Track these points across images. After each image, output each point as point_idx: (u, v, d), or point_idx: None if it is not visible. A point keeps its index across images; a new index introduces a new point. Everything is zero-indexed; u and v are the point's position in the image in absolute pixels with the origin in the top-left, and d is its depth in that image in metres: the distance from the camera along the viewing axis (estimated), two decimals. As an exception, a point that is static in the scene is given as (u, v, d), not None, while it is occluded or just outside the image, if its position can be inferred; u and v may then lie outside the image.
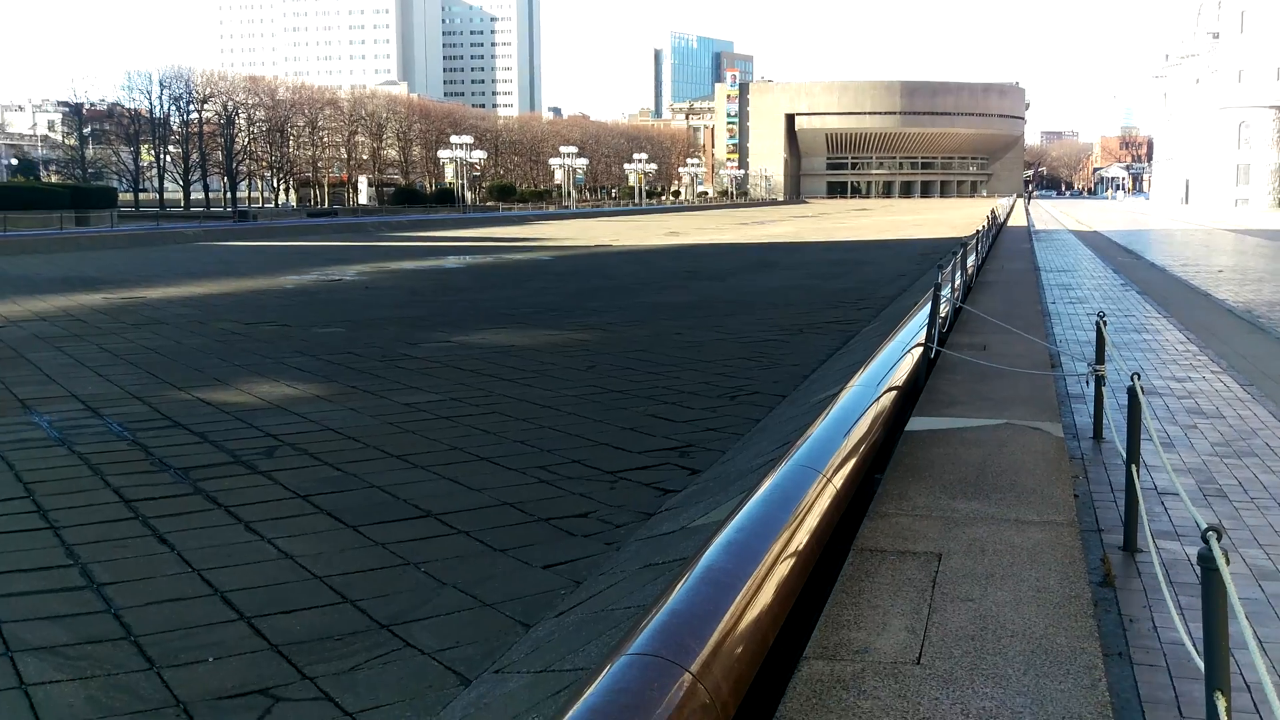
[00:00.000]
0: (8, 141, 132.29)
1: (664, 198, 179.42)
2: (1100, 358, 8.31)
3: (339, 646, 5.96)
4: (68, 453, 10.46)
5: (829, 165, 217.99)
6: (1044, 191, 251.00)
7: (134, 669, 5.73)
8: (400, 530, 7.91)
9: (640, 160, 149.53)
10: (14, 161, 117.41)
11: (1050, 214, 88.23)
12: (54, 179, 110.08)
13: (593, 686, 3.34)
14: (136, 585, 6.95)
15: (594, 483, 9.14)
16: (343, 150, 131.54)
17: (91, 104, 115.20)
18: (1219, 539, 2.85)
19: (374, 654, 5.86)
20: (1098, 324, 8.48)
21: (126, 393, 13.59)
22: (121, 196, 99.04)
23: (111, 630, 6.24)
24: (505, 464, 9.80)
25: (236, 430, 11.37)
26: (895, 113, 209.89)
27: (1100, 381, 8.22)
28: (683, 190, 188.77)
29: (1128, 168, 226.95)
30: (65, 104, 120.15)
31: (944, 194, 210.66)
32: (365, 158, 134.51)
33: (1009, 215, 65.78)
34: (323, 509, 8.49)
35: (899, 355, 9.42)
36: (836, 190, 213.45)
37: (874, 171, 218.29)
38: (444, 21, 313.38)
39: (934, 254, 38.59)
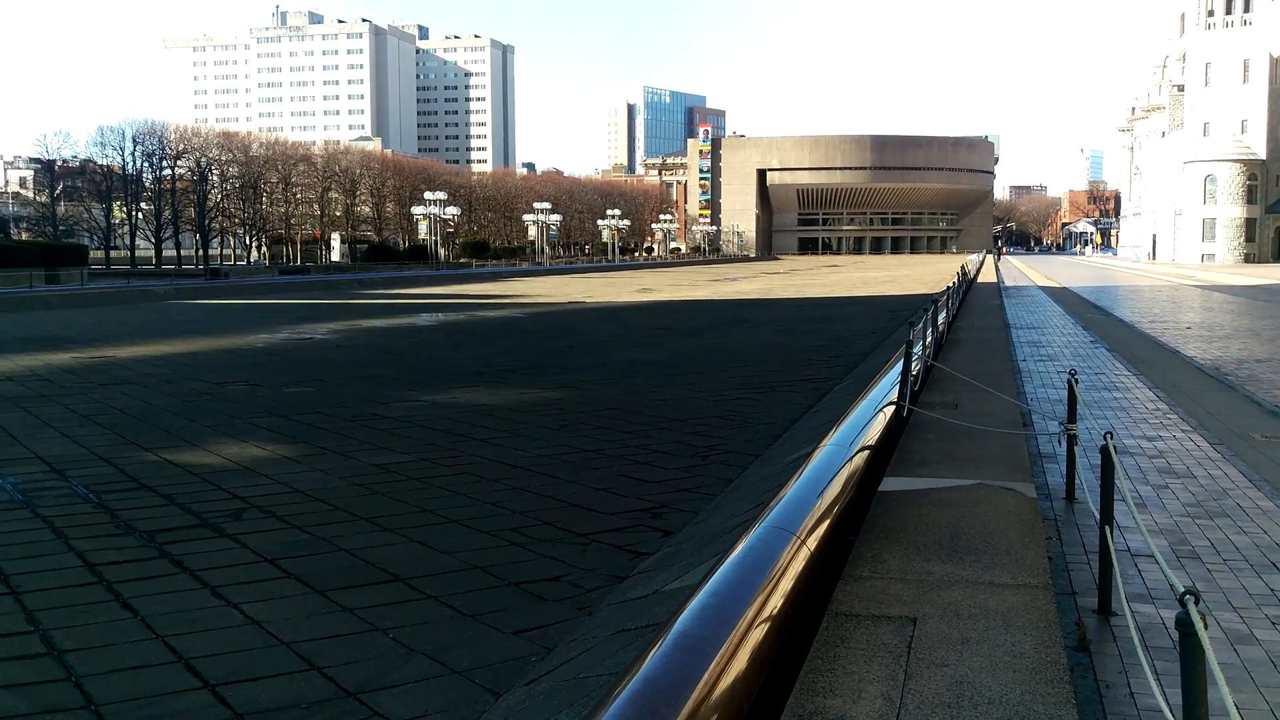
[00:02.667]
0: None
1: (637, 254, 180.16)
2: (1072, 416, 8.33)
3: (305, 716, 5.85)
4: (31, 515, 10.30)
5: (800, 221, 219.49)
6: (1014, 248, 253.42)
7: (94, 742, 5.60)
8: (369, 595, 7.80)
9: (613, 216, 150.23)
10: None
11: (1020, 270, 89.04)
12: (25, 236, 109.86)
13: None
14: (99, 652, 6.82)
15: (566, 545, 9.06)
16: (316, 207, 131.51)
17: (63, 160, 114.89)
18: (1196, 602, 2.82)
19: (341, 724, 5.75)
20: (1069, 382, 8.51)
21: (93, 454, 13.43)
22: (93, 254, 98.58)
23: (72, 699, 6.12)
24: (476, 526, 9.70)
25: (204, 492, 11.23)
26: (866, 167, 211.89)
27: (1073, 441, 8.22)
28: (656, 246, 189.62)
29: (1095, 222, 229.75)
30: (37, 160, 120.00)
31: (914, 250, 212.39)
32: (338, 214, 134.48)
33: (979, 272, 66.36)
34: (290, 573, 8.37)
35: (871, 414, 9.42)
36: (808, 246, 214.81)
37: (845, 227, 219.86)
38: (418, 77, 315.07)
39: (905, 310, 38.82)
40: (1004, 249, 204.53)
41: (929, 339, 16.05)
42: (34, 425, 15.71)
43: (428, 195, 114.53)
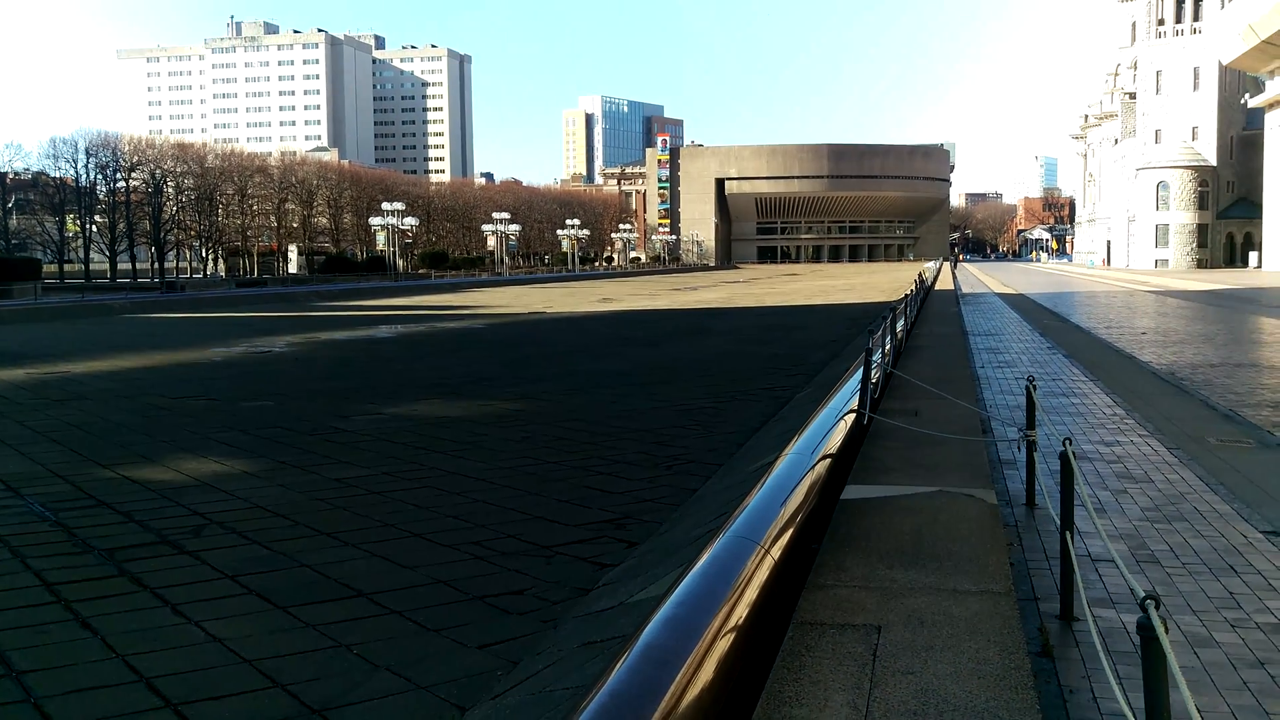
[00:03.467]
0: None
1: (597, 264, 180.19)
2: (1031, 423, 8.41)
3: (268, 735, 5.80)
4: (-14, 535, 10.15)
5: (759, 230, 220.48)
6: (971, 255, 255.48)
7: (53, 764, 5.53)
8: (331, 611, 7.75)
9: (573, 226, 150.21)
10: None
11: (976, 277, 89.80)
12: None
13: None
14: (58, 672, 6.74)
15: (529, 558, 9.04)
16: (272, 218, 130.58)
17: (15, 173, 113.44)
18: (1157, 607, 2.85)
19: (305, 742, 5.70)
20: (1028, 389, 8.58)
21: (49, 471, 13.26)
22: (46, 268, 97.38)
23: (30, 722, 6.03)
24: (438, 540, 9.66)
25: (163, 509, 11.12)
26: (823, 176, 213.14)
27: (1032, 447, 8.30)
28: (615, 256, 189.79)
29: (1051, 229, 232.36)
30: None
31: (872, 258, 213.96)
32: (295, 225, 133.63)
33: (936, 279, 66.84)
34: (252, 589, 8.30)
35: (832, 422, 9.46)
36: (767, 255, 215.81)
37: (803, 236, 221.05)
38: (375, 87, 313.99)
39: (864, 318, 39.06)
40: (961, 256, 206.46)
41: (888, 346, 16.16)
42: (-13, 443, 15.49)
43: (385, 206, 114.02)
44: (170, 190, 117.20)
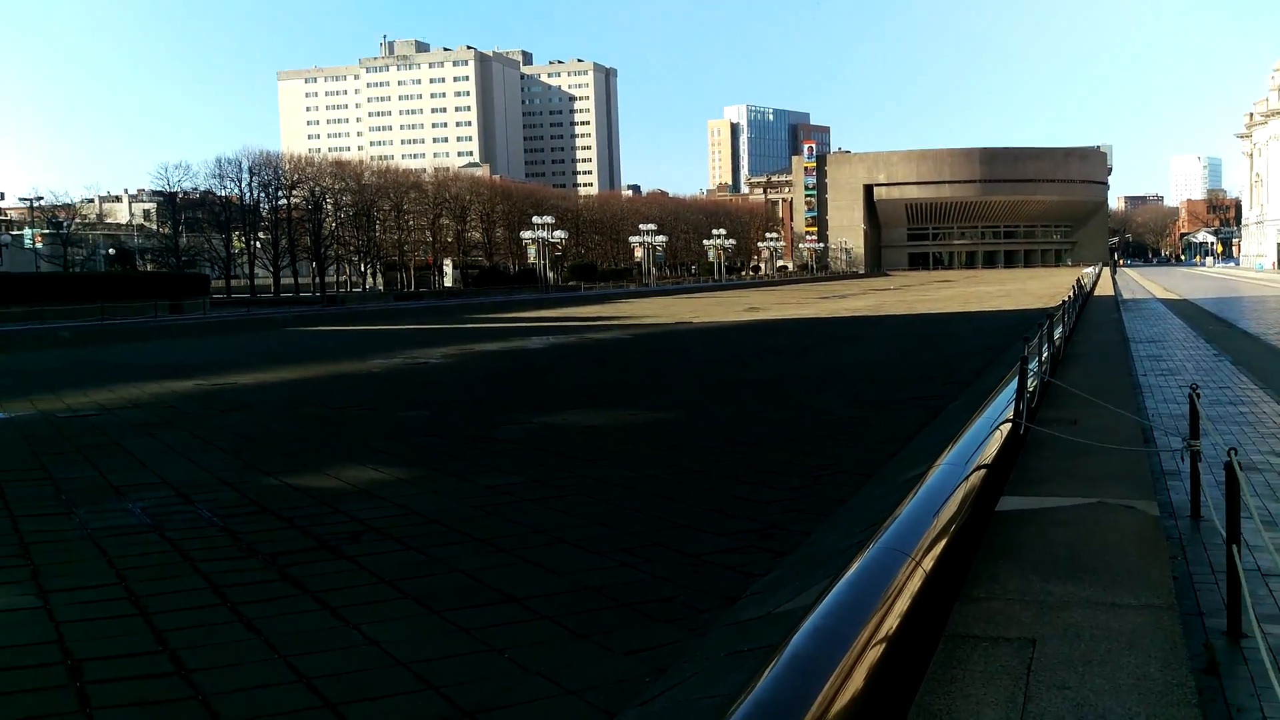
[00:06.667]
0: (106, 231, 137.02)
1: (743, 273, 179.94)
2: (1195, 432, 8.10)
3: (423, 736, 5.93)
4: (159, 539, 10.63)
5: (910, 236, 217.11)
6: (1131, 260, 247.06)
7: (221, 759, 5.75)
8: (484, 615, 7.90)
9: (719, 236, 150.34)
10: (112, 251, 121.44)
11: (1137, 282, 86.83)
12: (149, 267, 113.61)
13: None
14: (224, 672, 7.00)
15: (677, 566, 9.06)
16: (428, 233, 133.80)
17: (184, 192, 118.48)
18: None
19: (458, 744, 5.81)
20: (1191, 397, 8.27)
21: (217, 478, 13.82)
22: (214, 283, 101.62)
23: (199, 717, 6.28)
24: (587, 546, 9.76)
25: (323, 515, 11.49)
26: (975, 180, 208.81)
27: (1196, 457, 7.99)
28: (762, 265, 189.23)
29: (1215, 231, 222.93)
30: (159, 193, 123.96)
31: (1028, 263, 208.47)
32: (450, 240, 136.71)
33: (1095, 284, 64.84)
34: (408, 594, 8.51)
35: (987, 432, 9.25)
36: (918, 262, 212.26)
37: (956, 242, 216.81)
38: (524, 102, 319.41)
39: (1020, 326, 38.11)
40: (1120, 261, 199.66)
41: (1045, 354, 15.74)
42: (161, 451, 16.23)
43: (536, 219, 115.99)
44: (329, 207, 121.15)
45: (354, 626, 7.75)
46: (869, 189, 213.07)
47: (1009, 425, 9.90)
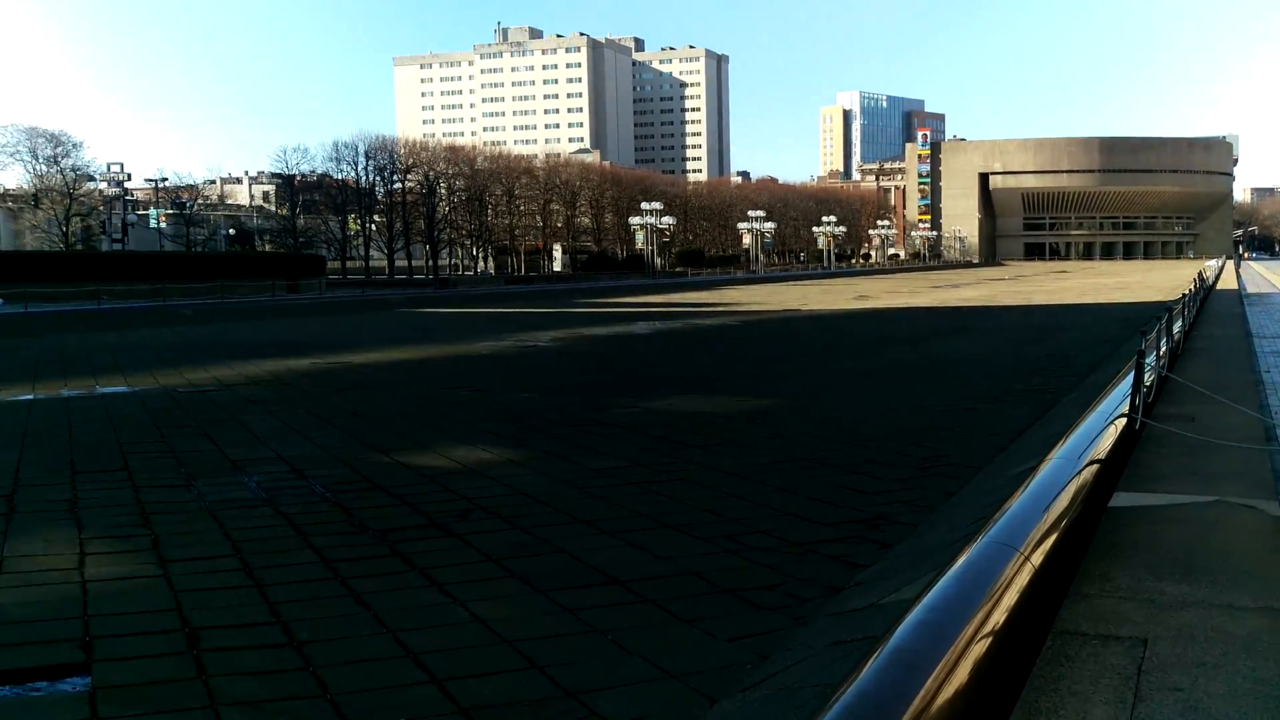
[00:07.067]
0: (227, 212, 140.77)
1: (853, 260, 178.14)
2: (1322, 432, 7.82)
3: (527, 713, 6.01)
4: (273, 513, 10.93)
5: (1025, 226, 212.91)
6: (1258, 253, 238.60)
7: (331, 728, 5.89)
8: (588, 596, 7.97)
9: (829, 223, 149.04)
10: (232, 231, 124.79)
11: (1263, 276, 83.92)
12: (268, 247, 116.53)
13: (778, 771, 3.29)
14: (334, 644, 7.17)
15: (781, 554, 9.03)
16: (538, 218, 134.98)
17: (302, 175, 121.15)
18: None
19: (560, 722, 5.87)
20: (1319, 396, 7.99)
21: (330, 455, 14.15)
22: (330, 264, 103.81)
23: (310, 688, 6.44)
24: (691, 532, 9.79)
25: (433, 493, 11.69)
26: (1094, 170, 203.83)
27: (1323, 457, 7.72)
28: (873, 253, 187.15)
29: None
30: (278, 175, 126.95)
31: (1147, 255, 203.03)
32: (560, 225, 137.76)
33: (1218, 278, 62.84)
34: (514, 573, 8.62)
35: (1101, 426, 9.05)
36: (1034, 252, 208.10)
37: (1073, 232, 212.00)
38: (635, 89, 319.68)
39: (1137, 319, 37.10)
40: (1245, 254, 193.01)
41: (1163, 348, 15.33)
42: (276, 427, 16.67)
43: (644, 205, 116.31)
44: (443, 191, 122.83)
45: (461, 603, 7.87)
46: (984, 177, 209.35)
47: (1124, 420, 9.68)
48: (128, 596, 8.27)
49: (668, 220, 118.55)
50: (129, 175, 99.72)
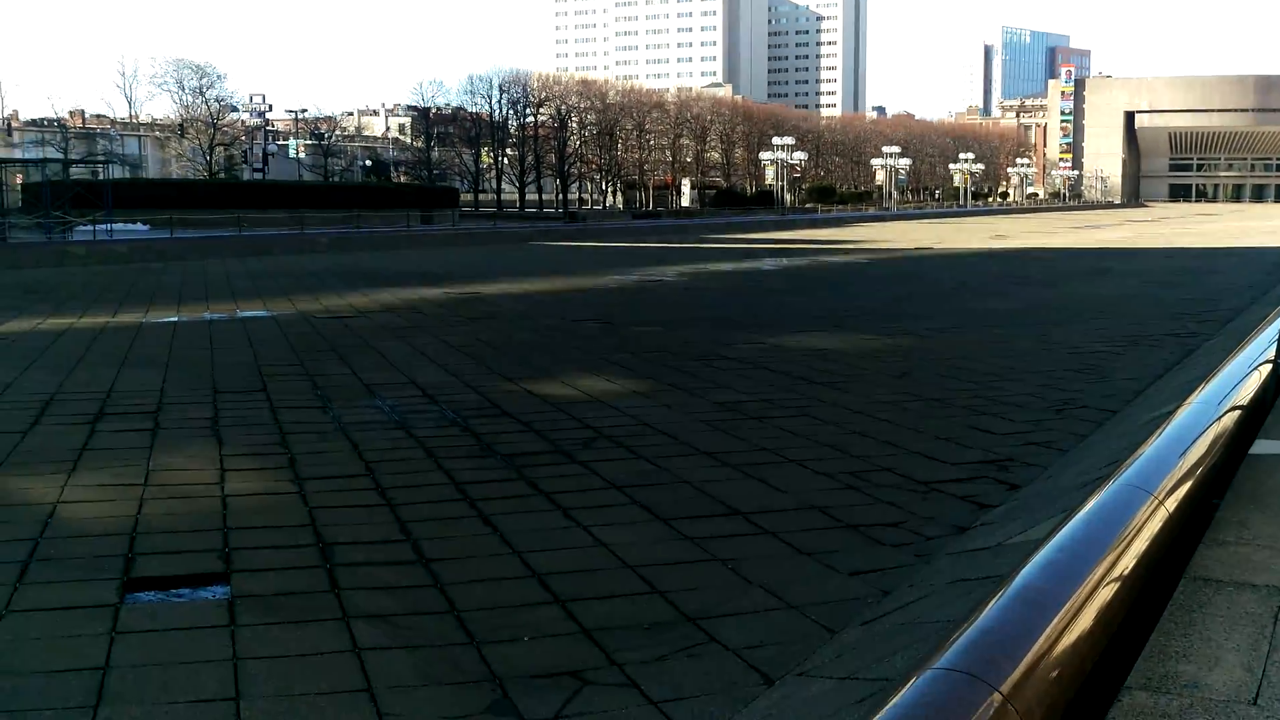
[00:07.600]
0: (363, 144, 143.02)
1: (991, 199, 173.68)
2: None
3: (647, 636, 6.10)
4: (406, 435, 11.21)
5: (1171, 166, 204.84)
6: None
7: (456, 642, 6.07)
8: (709, 526, 8.03)
9: (966, 160, 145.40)
10: (368, 163, 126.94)
11: None
12: (403, 179, 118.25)
13: (897, 698, 3.29)
14: (462, 563, 7.36)
15: (905, 492, 8.96)
16: (668, 153, 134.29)
17: (437, 108, 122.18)
18: None
19: (680, 646, 5.95)
20: None
21: (461, 382, 14.43)
22: (462, 196, 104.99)
23: (437, 604, 6.64)
24: (814, 468, 9.76)
25: (558, 421, 11.86)
26: (1248, 109, 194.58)
27: None
28: (1011, 192, 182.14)
29: None
30: (414, 108, 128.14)
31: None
32: (689, 160, 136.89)
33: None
34: (636, 500, 8.72)
35: (1244, 372, 8.75)
36: (1179, 193, 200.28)
37: (1222, 174, 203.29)
38: (770, 22, 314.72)
39: (1290, 263, 35.57)
40: None
41: (1316, 294, 14.68)
42: (410, 354, 17.04)
43: (775, 141, 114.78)
44: (574, 125, 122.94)
45: (584, 528, 8.00)
46: (1129, 116, 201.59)
47: (1269, 367, 9.33)
48: (265, 511, 8.59)
49: (799, 156, 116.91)
50: (270, 106, 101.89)
